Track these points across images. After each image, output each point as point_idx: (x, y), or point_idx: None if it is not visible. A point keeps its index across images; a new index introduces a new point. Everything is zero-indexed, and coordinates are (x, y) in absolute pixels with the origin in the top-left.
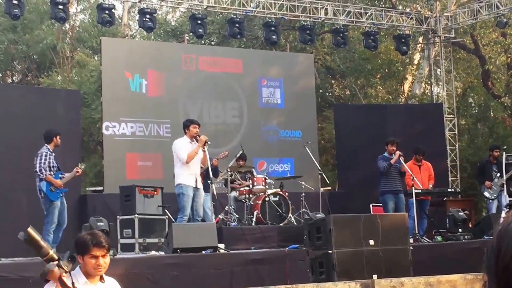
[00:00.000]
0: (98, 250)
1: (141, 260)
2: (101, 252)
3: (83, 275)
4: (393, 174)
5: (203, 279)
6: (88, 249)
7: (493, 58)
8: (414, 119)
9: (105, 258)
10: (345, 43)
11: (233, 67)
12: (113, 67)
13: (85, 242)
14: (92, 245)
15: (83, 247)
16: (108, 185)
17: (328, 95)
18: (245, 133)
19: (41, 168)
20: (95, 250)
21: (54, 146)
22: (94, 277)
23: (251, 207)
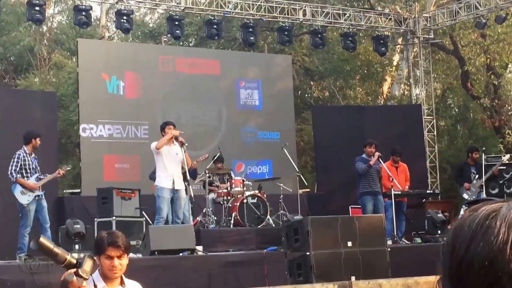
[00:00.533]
0: (113, 250)
1: None
2: (117, 253)
3: (102, 278)
4: (372, 175)
5: (181, 282)
6: (104, 249)
7: (472, 59)
8: (393, 120)
9: (121, 260)
10: (323, 44)
11: (211, 69)
12: (90, 68)
13: (101, 241)
14: (107, 245)
15: (99, 246)
16: (86, 187)
17: (307, 97)
18: (224, 135)
19: (11, 171)
20: (110, 250)
21: (32, 148)
22: (113, 280)
23: (229, 209)
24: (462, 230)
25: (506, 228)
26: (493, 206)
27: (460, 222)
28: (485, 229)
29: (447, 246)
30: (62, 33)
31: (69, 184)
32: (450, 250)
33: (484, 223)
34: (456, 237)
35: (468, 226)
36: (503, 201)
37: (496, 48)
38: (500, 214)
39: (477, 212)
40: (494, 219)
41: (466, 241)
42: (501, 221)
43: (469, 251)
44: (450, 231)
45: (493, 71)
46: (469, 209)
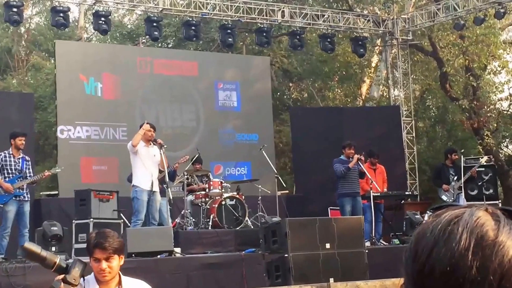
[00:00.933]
0: (100, 252)
1: None
2: (103, 255)
3: (96, 281)
4: (352, 177)
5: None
6: (91, 251)
7: (451, 60)
8: (371, 122)
9: (110, 262)
10: (302, 45)
11: (189, 70)
12: (68, 70)
13: (88, 242)
14: (93, 247)
15: (87, 248)
16: (63, 189)
17: (285, 98)
18: (202, 137)
19: None
20: (97, 252)
21: (15, 148)
22: (108, 283)
23: (208, 211)
24: (425, 235)
25: (468, 234)
26: (456, 212)
27: (423, 227)
28: (447, 235)
29: (410, 251)
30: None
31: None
32: (412, 256)
33: (446, 228)
34: (418, 243)
35: (431, 232)
36: (466, 206)
37: (474, 50)
38: (462, 220)
39: (440, 218)
40: (456, 225)
41: (429, 247)
42: (463, 227)
43: (431, 257)
44: (413, 237)
45: (472, 72)
46: (433, 215)
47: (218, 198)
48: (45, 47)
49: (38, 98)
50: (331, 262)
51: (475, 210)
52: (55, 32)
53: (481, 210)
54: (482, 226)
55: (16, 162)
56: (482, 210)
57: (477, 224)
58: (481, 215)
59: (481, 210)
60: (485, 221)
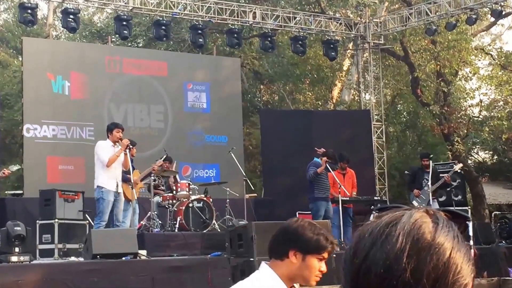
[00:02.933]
0: (327, 252)
1: (59, 266)
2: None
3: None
4: (325, 181)
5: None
6: (320, 249)
7: (422, 65)
8: (341, 125)
9: None
10: (273, 47)
11: (158, 70)
12: (35, 68)
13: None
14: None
15: (315, 243)
16: (28, 189)
17: (256, 100)
18: (170, 138)
19: None
20: (326, 252)
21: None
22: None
23: (175, 213)
24: (364, 236)
25: (405, 236)
26: (396, 214)
27: (364, 228)
28: (385, 236)
29: (349, 252)
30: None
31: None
32: (351, 256)
33: (384, 230)
34: (357, 244)
35: (370, 233)
36: (407, 208)
37: (446, 55)
38: (400, 222)
39: (380, 219)
40: (394, 227)
41: (366, 248)
42: (400, 230)
43: (368, 258)
44: (353, 237)
45: (443, 78)
46: (376, 216)
47: (186, 200)
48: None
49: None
50: None
51: (414, 212)
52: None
53: (421, 212)
54: (420, 228)
55: None
56: (421, 212)
57: (414, 226)
58: (419, 217)
59: (421, 212)
60: (423, 223)
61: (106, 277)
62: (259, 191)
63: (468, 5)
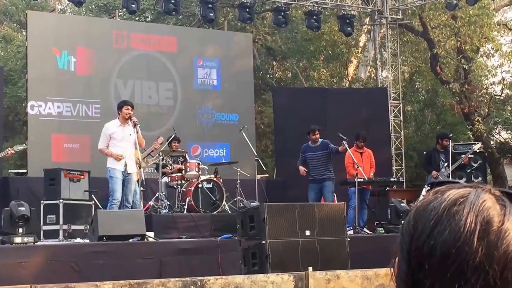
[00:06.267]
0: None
1: (64, 248)
2: None
3: None
4: (312, 163)
5: (130, 269)
6: None
7: (442, 41)
8: (357, 104)
9: None
10: (286, 22)
11: (167, 46)
12: (40, 43)
13: None
14: None
15: None
16: (32, 168)
17: (268, 77)
18: (179, 116)
19: None
20: None
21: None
22: None
23: (183, 193)
24: (426, 212)
25: (474, 217)
26: (461, 191)
27: (424, 203)
28: (452, 215)
29: (408, 226)
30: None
31: (15, 163)
32: (411, 232)
33: (451, 208)
34: (419, 219)
35: (434, 209)
36: (470, 186)
37: (467, 31)
38: (468, 201)
39: (443, 196)
40: (462, 206)
41: (430, 225)
42: (469, 209)
43: (432, 236)
44: (412, 211)
45: (464, 54)
46: (434, 191)
47: (195, 180)
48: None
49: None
50: (311, 250)
51: (481, 191)
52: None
53: (487, 193)
54: (489, 210)
55: None
56: (487, 192)
57: (483, 207)
58: (487, 198)
59: (487, 193)
60: (492, 205)
61: (112, 259)
62: (271, 171)
63: None
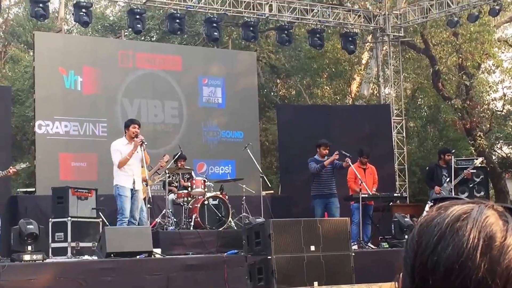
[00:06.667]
0: None
1: (73, 265)
2: None
3: None
4: (324, 177)
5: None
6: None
7: (443, 58)
8: (360, 120)
9: None
10: (290, 41)
11: (172, 65)
12: (47, 63)
13: None
14: None
15: None
16: (41, 186)
17: (272, 95)
18: (185, 134)
19: None
20: None
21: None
22: None
23: (190, 210)
24: (430, 228)
25: (477, 233)
26: (464, 208)
27: (428, 219)
28: (455, 231)
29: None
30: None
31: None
32: (414, 247)
33: (455, 224)
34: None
35: (437, 225)
36: (473, 201)
37: (468, 48)
38: (471, 217)
39: (446, 212)
40: (465, 222)
41: (434, 241)
42: (472, 225)
43: (436, 251)
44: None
45: (465, 71)
46: (437, 207)
47: (201, 197)
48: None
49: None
50: (316, 265)
51: (484, 207)
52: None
53: (490, 209)
54: (492, 226)
55: None
56: (490, 208)
57: (486, 223)
58: (490, 214)
59: (490, 209)
60: (494, 221)
61: (120, 276)
62: (275, 188)
63: None
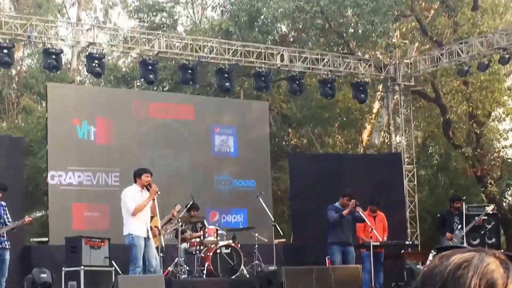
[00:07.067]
0: None
1: None
2: None
3: None
4: (343, 225)
5: None
6: None
7: (454, 107)
8: (372, 169)
9: None
10: (301, 90)
11: (185, 114)
12: (60, 113)
13: None
14: None
15: None
16: (54, 236)
17: (284, 144)
18: (197, 183)
19: None
20: None
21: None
22: None
23: (202, 259)
24: (432, 276)
25: (478, 280)
26: (465, 256)
27: (430, 267)
28: (457, 279)
29: None
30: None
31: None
32: None
33: (456, 272)
34: (425, 283)
35: (439, 273)
36: (474, 250)
37: (478, 96)
38: (472, 265)
39: (448, 261)
40: (466, 270)
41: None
42: (473, 272)
43: None
44: (419, 277)
45: (475, 119)
46: (439, 256)
47: (213, 246)
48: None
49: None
50: None
51: (484, 255)
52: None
53: (490, 256)
54: (493, 273)
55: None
56: (491, 256)
57: (487, 270)
58: (490, 261)
59: (490, 256)
60: (495, 268)
61: None
62: (287, 236)
63: (501, 45)
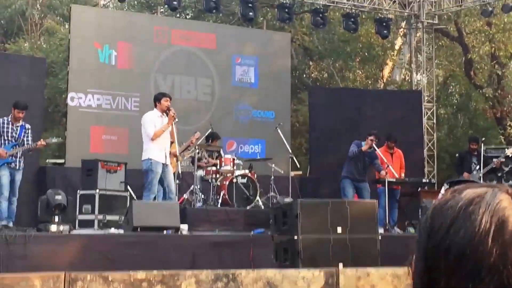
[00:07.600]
0: None
1: (99, 237)
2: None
3: None
4: (358, 164)
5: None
6: None
7: (476, 47)
8: (391, 105)
9: None
10: (324, 24)
11: (207, 43)
12: (82, 36)
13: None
14: None
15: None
16: (70, 159)
17: (304, 77)
18: (216, 111)
19: None
20: None
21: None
22: None
23: (218, 188)
24: (443, 211)
25: (489, 217)
26: (478, 191)
27: (441, 202)
28: (468, 215)
29: (425, 224)
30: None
31: (53, 154)
32: (427, 231)
33: (467, 208)
34: (435, 218)
35: (450, 208)
36: (487, 185)
37: (501, 38)
38: (484, 201)
39: (460, 195)
40: (478, 205)
41: (446, 224)
42: (485, 209)
43: (448, 235)
44: (429, 210)
45: (497, 60)
46: (452, 190)
47: (229, 175)
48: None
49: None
50: (342, 247)
51: (497, 191)
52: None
53: (504, 193)
54: (504, 210)
55: (13, 130)
56: (504, 192)
57: (499, 207)
58: (503, 198)
59: (504, 193)
60: (508, 205)
61: (145, 250)
62: (304, 169)
63: None
